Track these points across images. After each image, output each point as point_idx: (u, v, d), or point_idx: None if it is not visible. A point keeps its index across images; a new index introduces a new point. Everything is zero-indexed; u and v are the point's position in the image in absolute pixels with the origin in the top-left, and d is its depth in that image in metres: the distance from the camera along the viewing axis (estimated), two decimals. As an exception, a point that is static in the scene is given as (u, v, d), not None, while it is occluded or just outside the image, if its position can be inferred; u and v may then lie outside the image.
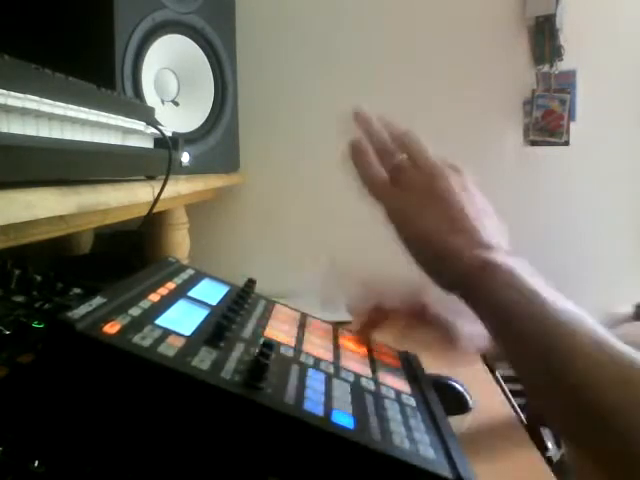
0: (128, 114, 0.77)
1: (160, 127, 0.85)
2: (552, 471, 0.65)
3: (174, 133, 0.94)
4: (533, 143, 1.55)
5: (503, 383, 0.97)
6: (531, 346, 0.40)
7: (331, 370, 0.50)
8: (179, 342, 0.42)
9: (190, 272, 0.62)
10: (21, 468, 0.37)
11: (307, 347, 0.54)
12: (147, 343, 0.40)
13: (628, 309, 0.64)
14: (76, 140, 0.64)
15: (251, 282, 0.65)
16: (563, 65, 1.50)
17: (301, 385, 0.44)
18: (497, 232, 0.48)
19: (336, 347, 0.57)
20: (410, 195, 0.48)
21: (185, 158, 0.97)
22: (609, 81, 1.52)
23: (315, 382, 0.46)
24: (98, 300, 0.42)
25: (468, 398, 0.70)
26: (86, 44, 1.07)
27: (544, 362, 0.39)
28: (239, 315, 0.53)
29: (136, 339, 0.40)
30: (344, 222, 1.57)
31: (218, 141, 1.34)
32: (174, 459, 0.39)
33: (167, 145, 0.83)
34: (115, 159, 0.74)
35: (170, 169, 0.82)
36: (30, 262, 0.64)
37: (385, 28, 1.58)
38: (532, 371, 0.41)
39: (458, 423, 0.47)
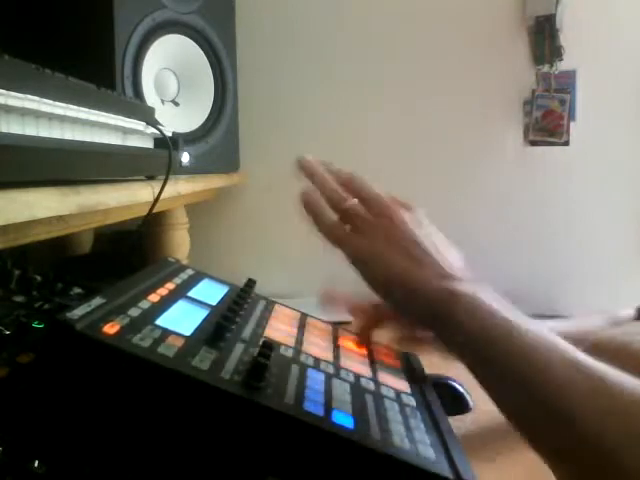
0: (128, 114, 0.77)
1: (160, 127, 0.85)
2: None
3: (174, 133, 0.94)
4: (533, 143, 1.55)
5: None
6: (501, 367, 0.41)
7: (331, 370, 0.50)
8: (179, 342, 0.42)
9: (190, 272, 0.62)
10: (21, 468, 0.37)
11: (307, 347, 0.54)
12: (147, 343, 0.40)
13: (630, 312, 0.64)
14: (76, 140, 0.64)
15: (251, 282, 0.65)
16: (563, 65, 1.50)
17: (301, 385, 0.44)
18: (457, 262, 0.49)
19: (336, 347, 0.57)
20: (367, 238, 0.48)
21: (185, 158, 0.97)
22: (609, 81, 1.52)
23: (315, 382, 0.46)
24: (98, 300, 0.42)
25: (468, 398, 0.70)
26: (86, 44, 1.07)
27: (514, 381, 0.40)
28: (239, 315, 0.53)
29: (136, 339, 0.40)
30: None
31: (218, 141, 1.34)
32: (174, 459, 0.39)
33: (167, 145, 0.83)
34: (115, 159, 0.74)
35: (170, 169, 0.82)
36: (30, 262, 0.64)
37: (385, 28, 1.58)
38: (503, 390, 0.42)
39: (458, 423, 0.47)
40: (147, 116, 0.86)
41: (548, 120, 1.53)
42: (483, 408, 0.71)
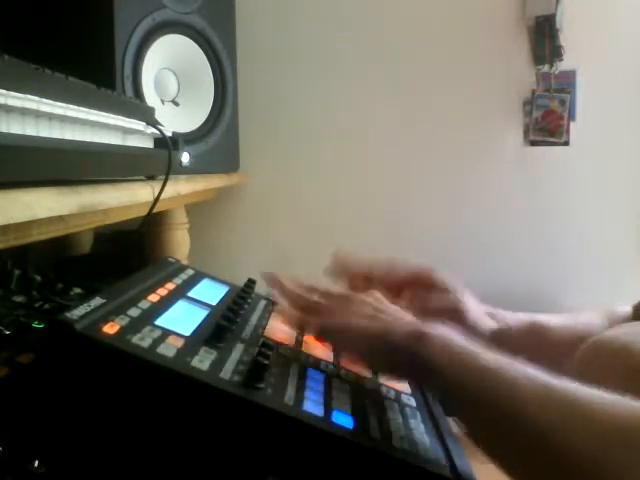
0: (128, 114, 0.77)
1: (160, 127, 0.85)
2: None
3: (174, 133, 0.94)
4: (533, 143, 1.55)
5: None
6: (472, 395, 0.43)
7: (331, 370, 0.50)
8: (178, 342, 0.42)
9: (190, 272, 0.62)
10: (21, 468, 0.37)
11: (307, 347, 0.54)
12: (146, 343, 0.40)
13: (627, 309, 0.64)
14: (76, 140, 0.64)
15: (251, 282, 0.65)
16: (563, 65, 1.50)
17: (301, 385, 0.44)
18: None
19: (336, 347, 0.57)
20: (333, 316, 0.54)
21: (185, 158, 0.97)
22: (609, 81, 1.52)
23: (315, 382, 0.46)
24: (97, 300, 0.42)
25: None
26: (86, 44, 1.07)
27: (483, 403, 0.42)
28: (239, 315, 0.53)
29: (135, 339, 0.40)
30: (344, 221, 1.57)
31: (218, 141, 1.34)
32: (174, 459, 0.39)
33: (167, 145, 0.83)
34: (115, 159, 0.74)
35: (170, 169, 0.82)
36: (30, 262, 0.64)
37: (385, 28, 1.58)
38: (476, 418, 0.44)
39: (458, 423, 0.47)
40: (147, 116, 0.86)
41: (548, 120, 1.53)
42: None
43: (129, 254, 1.17)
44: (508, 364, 0.43)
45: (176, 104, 1.29)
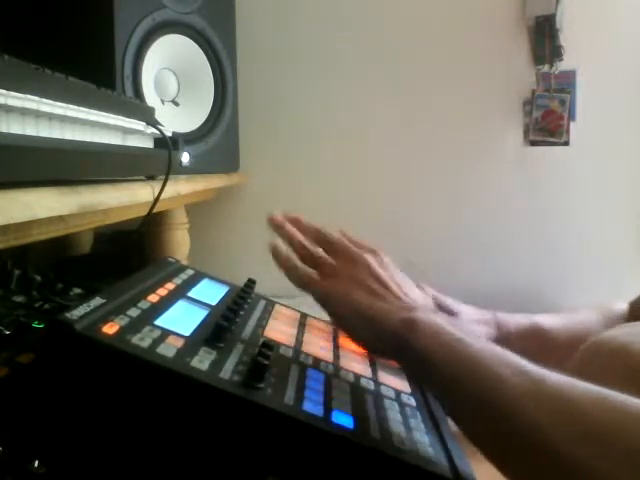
0: (128, 114, 0.77)
1: (160, 127, 0.85)
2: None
3: (174, 133, 0.94)
4: (533, 143, 1.55)
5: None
6: (460, 384, 0.43)
7: (331, 370, 0.50)
8: (178, 342, 0.42)
9: (190, 272, 0.62)
10: (21, 468, 0.37)
11: (307, 347, 0.54)
12: (146, 344, 0.40)
13: (623, 306, 0.65)
14: (76, 140, 0.64)
15: (251, 282, 0.65)
16: (563, 65, 1.50)
17: (301, 385, 0.44)
18: (419, 299, 0.53)
19: (336, 347, 0.57)
20: (332, 280, 0.52)
21: (185, 158, 0.97)
22: (609, 81, 1.52)
23: (315, 382, 0.46)
24: (97, 300, 0.42)
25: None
26: (86, 44, 1.08)
27: (470, 394, 0.42)
28: (239, 315, 0.53)
29: (135, 340, 0.40)
30: (344, 221, 1.57)
31: (218, 141, 1.34)
32: (174, 459, 0.39)
33: (167, 145, 0.83)
34: (115, 159, 0.74)
35: (170, 169, 0.82)
36: (30, 262, 0.64)
37: (385, 28, 1.58)
38: (460, 404, 0.43)
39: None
40: (147, 116, 0.86)
41: (548, 120, 1.53)
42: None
43: (129, 254, 1.17)
44: (499, 356, 0.42)
45: (176, 104, 1.29)
